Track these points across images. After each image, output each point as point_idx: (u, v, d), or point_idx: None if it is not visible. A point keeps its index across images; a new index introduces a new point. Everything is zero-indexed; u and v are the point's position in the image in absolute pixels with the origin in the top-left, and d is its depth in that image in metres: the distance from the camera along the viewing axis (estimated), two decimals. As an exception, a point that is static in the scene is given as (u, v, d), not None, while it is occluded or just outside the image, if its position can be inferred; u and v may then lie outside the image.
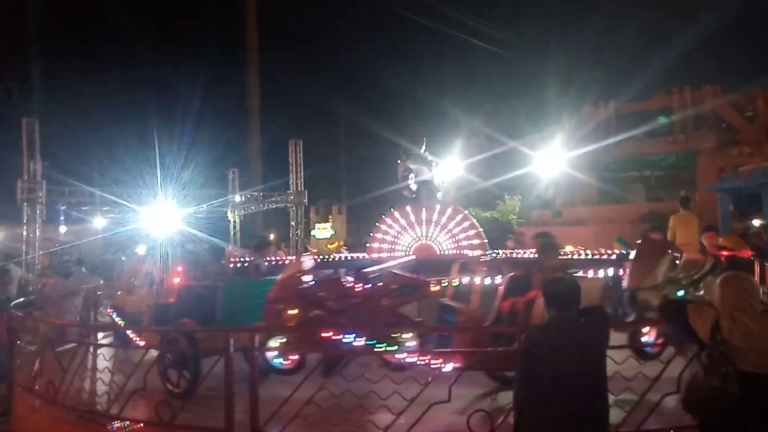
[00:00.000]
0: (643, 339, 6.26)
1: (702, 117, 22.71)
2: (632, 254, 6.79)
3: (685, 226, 10.54)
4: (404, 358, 5.49)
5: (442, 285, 6.93)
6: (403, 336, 5.99)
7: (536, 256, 6.67)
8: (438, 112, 29.65)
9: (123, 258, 15.17)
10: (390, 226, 11.21)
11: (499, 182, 20.88)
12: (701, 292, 5.98)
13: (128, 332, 7.84)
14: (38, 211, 16.51)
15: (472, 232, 10.78)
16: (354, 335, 5.39)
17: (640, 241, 7.04)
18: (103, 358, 6.57)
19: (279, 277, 7.02)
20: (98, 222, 23.44)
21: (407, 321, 6.57)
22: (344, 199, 39.41)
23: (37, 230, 16.56)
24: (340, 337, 5.36)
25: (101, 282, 11.64)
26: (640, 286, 5.97)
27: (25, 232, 16.44)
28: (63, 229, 24.40)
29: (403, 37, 54.25)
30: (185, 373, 6.21)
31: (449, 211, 10.87)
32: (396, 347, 5.72)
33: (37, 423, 6.11)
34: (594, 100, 25.22)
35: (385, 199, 13.55)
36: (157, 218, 22.22)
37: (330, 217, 38.40)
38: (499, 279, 6.96)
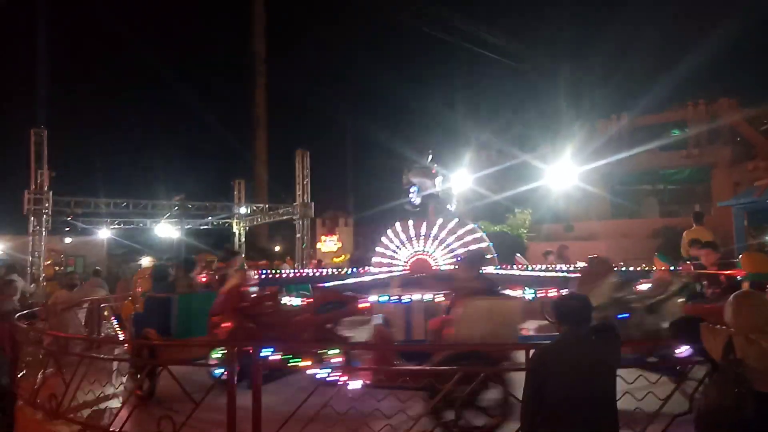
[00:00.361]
0: None
1: (717, 131, 22.51)
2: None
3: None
4: (319, 374, 5.46)
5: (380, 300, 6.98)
6: (329, 352, 5.96)
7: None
8: (448, 125, 29.60)
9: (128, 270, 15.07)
10: (391, 240, 11.03)
11: (510, 195, 20.65)
12: (657, 314, 5.76)
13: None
14: (44, 222, 16.42)
15: (474, 247, 10.47)
16: (272, 349, 5.36)
17: (589, 258, 6.92)
18: (107, 372, 6.53)
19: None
20: (103, 233, 23.35)
21: (333, 337, 6.59)
22: (351, 211, 39.30)
23: (43, 241, 16.47)
24: (258, 350, 5.32)
25: (105, 293, 11.57)
26: None
27: (30, 243, 16.34)
28: (68, 240, 24.36)
29: (413, 50, 54.51)
30: (148, 379, 6.48)
31: (451, 224, 10.60)
32: (308, 363, 5.73)
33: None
34: (607, 113, 25.06)
35: (393, 212, 13.33)
36: (163, 230, 22.24)
37: (336, 229, 38.20)
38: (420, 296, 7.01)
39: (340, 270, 11.76)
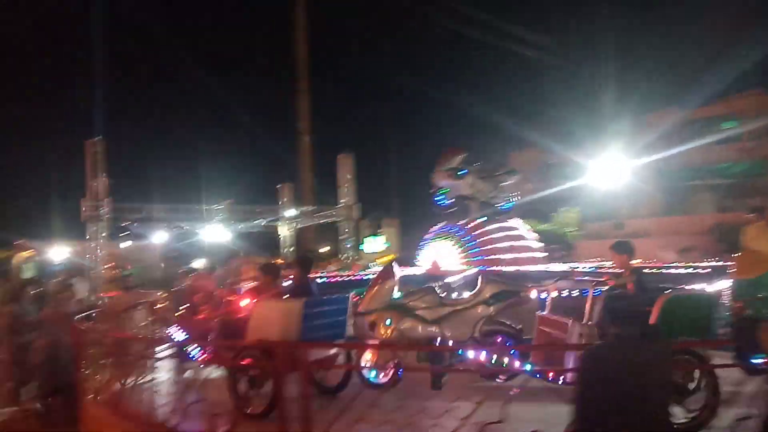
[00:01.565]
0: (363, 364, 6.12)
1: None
2: None
3: (764, 237, 9.69)
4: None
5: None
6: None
7: None
8: (491, 123, 29.26)
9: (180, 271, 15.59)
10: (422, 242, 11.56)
11: (556, 193, 20.35)
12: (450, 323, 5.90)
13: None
14: (102, 228, 17.21)
15: (485, 248, 10.64)
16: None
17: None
18: (164, 370, 6.82)
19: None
20: (158, 237, 24.18)
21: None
22: (395, 211, 39.44)
23: (100, 246, 17.27)
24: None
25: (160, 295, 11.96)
26: (361, 310, 6.18)
27: (89, 248, 17.16)
28: (125, 244, 25.29)
29: (454, 50, 54.24)
30: None
31: (469, 226, 10.83)
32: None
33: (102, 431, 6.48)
34: (657, 107, 24.34)
35: (438, 213, 13.50)
36: (214, 234, 22.94)
37: (382, 230, 38.40)
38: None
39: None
